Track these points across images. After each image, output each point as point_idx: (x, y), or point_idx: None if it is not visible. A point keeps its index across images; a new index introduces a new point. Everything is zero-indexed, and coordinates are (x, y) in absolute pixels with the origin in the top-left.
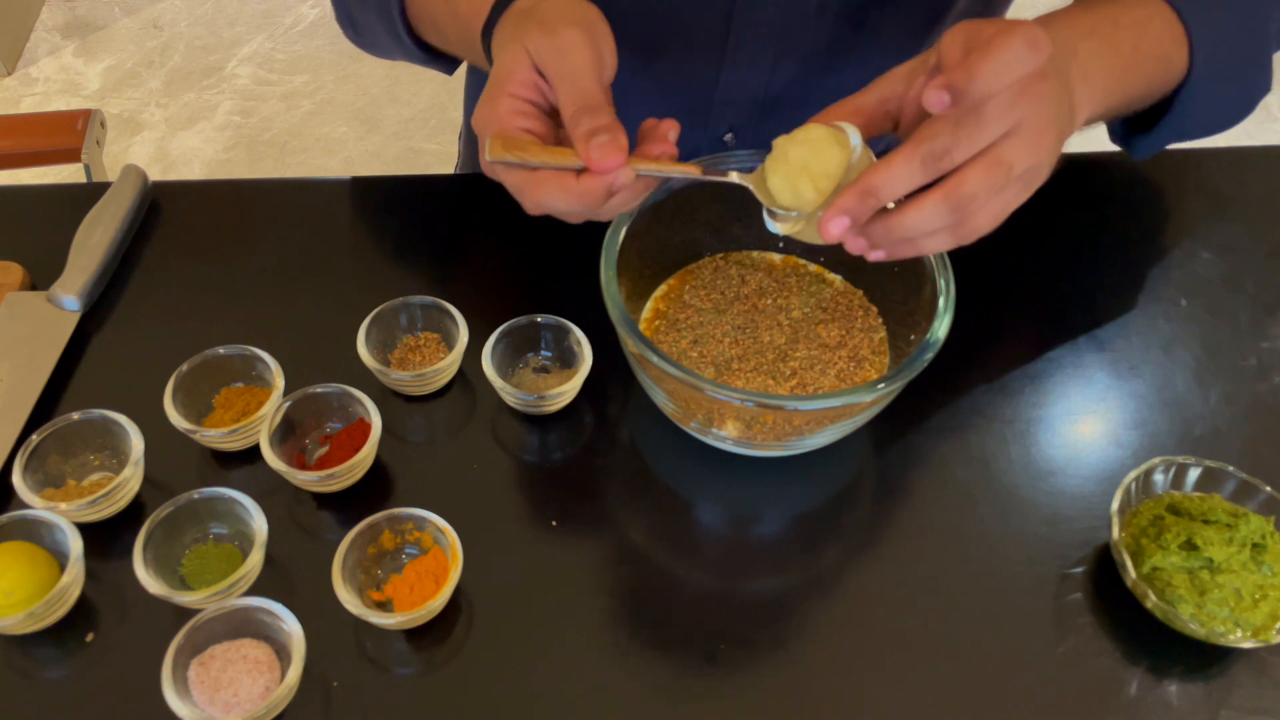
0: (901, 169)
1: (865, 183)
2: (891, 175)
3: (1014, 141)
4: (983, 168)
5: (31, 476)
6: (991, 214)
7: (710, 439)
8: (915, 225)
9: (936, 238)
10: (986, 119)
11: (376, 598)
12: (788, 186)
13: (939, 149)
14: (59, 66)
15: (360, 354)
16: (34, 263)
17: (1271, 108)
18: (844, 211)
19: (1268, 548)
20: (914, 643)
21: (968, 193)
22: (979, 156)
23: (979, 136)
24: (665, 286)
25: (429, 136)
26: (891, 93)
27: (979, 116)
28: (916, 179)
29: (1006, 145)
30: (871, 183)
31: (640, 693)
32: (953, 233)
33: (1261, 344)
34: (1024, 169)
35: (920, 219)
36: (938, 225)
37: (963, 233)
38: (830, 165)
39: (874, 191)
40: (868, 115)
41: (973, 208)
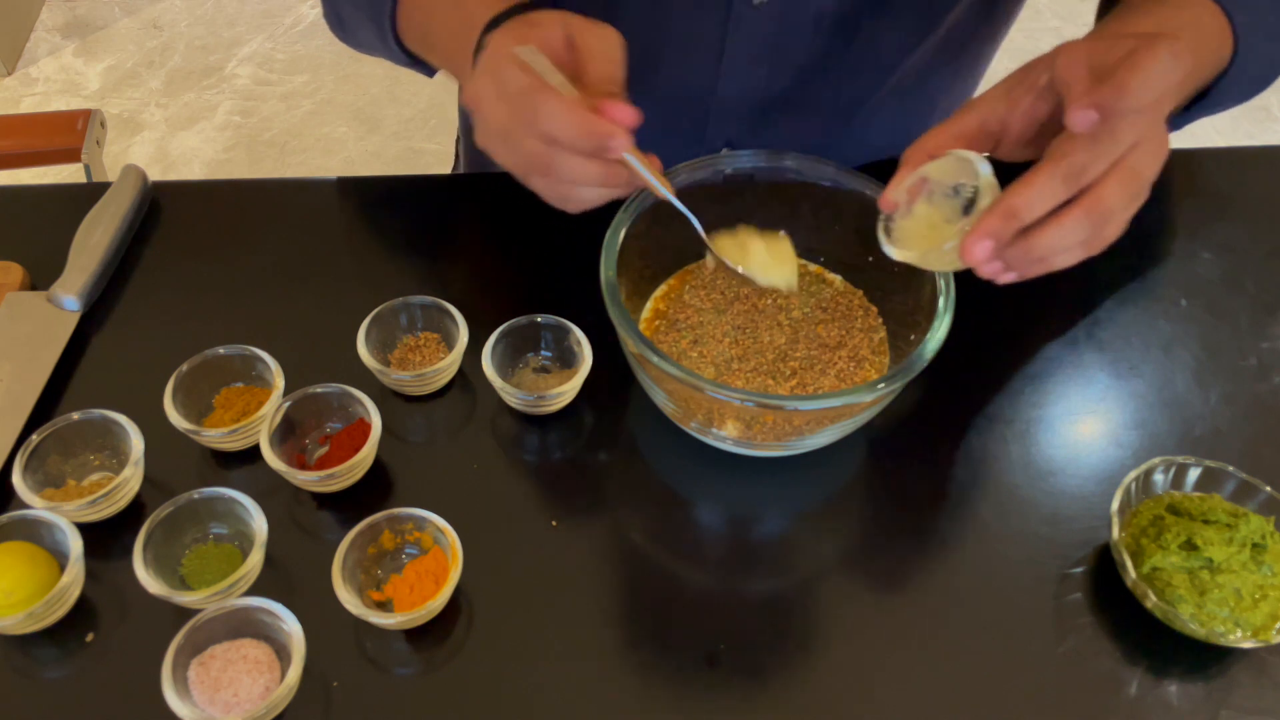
0: (1043, 188)
1: (1007, 205)
2: (1033, 195)
3: (1141, 151)
4: (1118, 180)
5: (31, 476)
6: (1123, 222)
7: (710, 439)
8: (1056, 242)
9: (1072, 253)
10: (1120, 133)
11: (376, 598)
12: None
13: (1077, 166)
14: (59, 66)
15: (360, 354)
16: (34, 263)
17: (1271, 108)
18: (989, 235)
19: (1268, 548)
20: (914, 642)
21: (1107, 206)
22: (1113, 169)
23: (1113, 150)
24: (665, 286)
25: (429, 136)
26: (992, 113)
27: (1113, 132)
28: (1058, 196)
29: (1136, 155)
30: (1014, 204)
31: (640, 692)
32: (1086, 246)
33: (1261, 344)
34: (1151, 175)
35: (1061, 235)
36: (1077, 240)
37: (1095, 245)
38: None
39: (1016, 213)
40: (970, 138)
41: (1111, 221)
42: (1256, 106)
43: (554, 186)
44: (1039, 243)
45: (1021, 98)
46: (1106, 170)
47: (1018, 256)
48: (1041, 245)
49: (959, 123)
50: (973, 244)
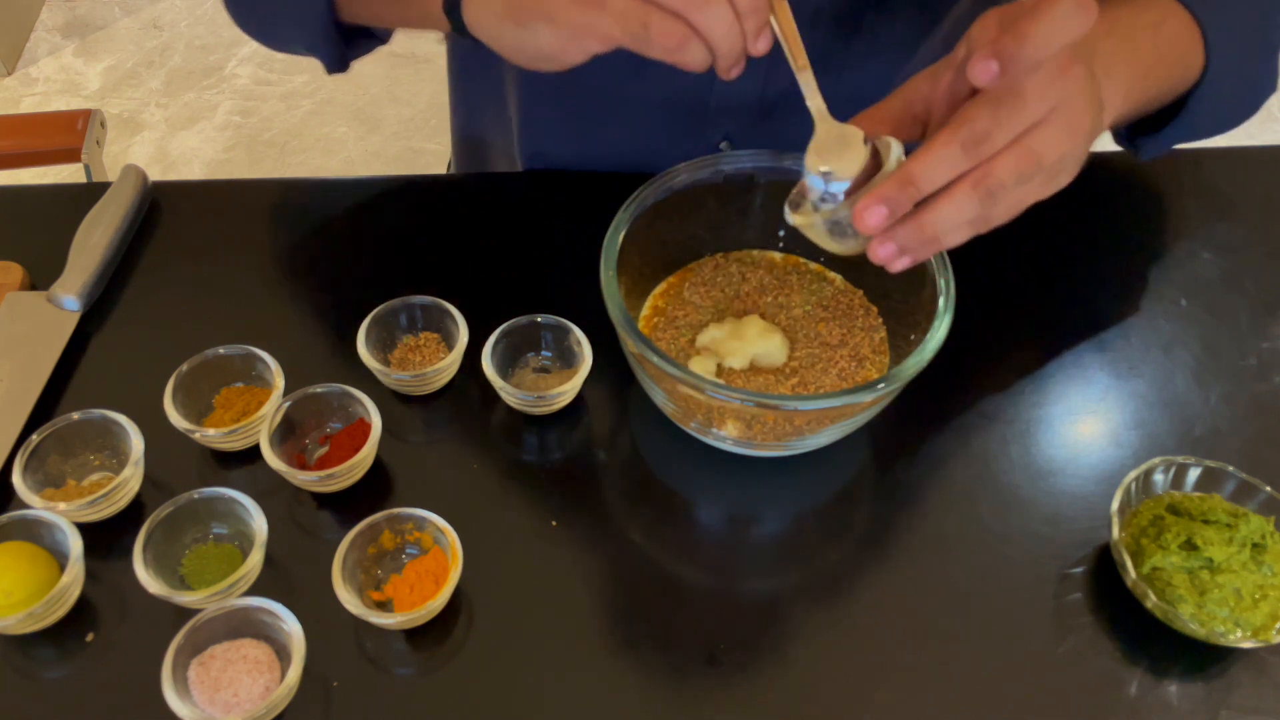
0: (940, 155)
1: (904, 172)
2: (931, 162)
3: (1047, 129)
4: (1013, 156)
5: (31, 476)
6: (1010, 205)
7: (710, 439)
8: (947, 218)
9: (960, 231)
10: (1026, 99)
11: (376, 598)
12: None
13: (979, 132)
14: (59, 66)
15: (360, 354)
16: (34, 263)
17: (1271, 108)
18: (883, 200)
19: (1268, 548)
20: (914, 643)
21: (997, 180)
22: (1011, 144)
23: (1018, 118)
24: (665, 284)
25: (429, 136)
26: (917, 95)
27: (1019, 97)
28: (957, 165)
29: (1039, 133)
30: (911, 171)
31: (640, 692)
32: (973, 226)
33: (1261, 344)
34: (1055, 158)
35: (952, 211)
36: (967, 217)
37: (981, 224)
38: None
39: (914, 180)
40: (894, 122)
41: (1000, 200)
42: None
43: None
44: (930, 220)
45: (943, 75)
46: (1007, 144)
47: (910, 235)
48: (933, 222)
49: (884, 107)
50: (864, 207)
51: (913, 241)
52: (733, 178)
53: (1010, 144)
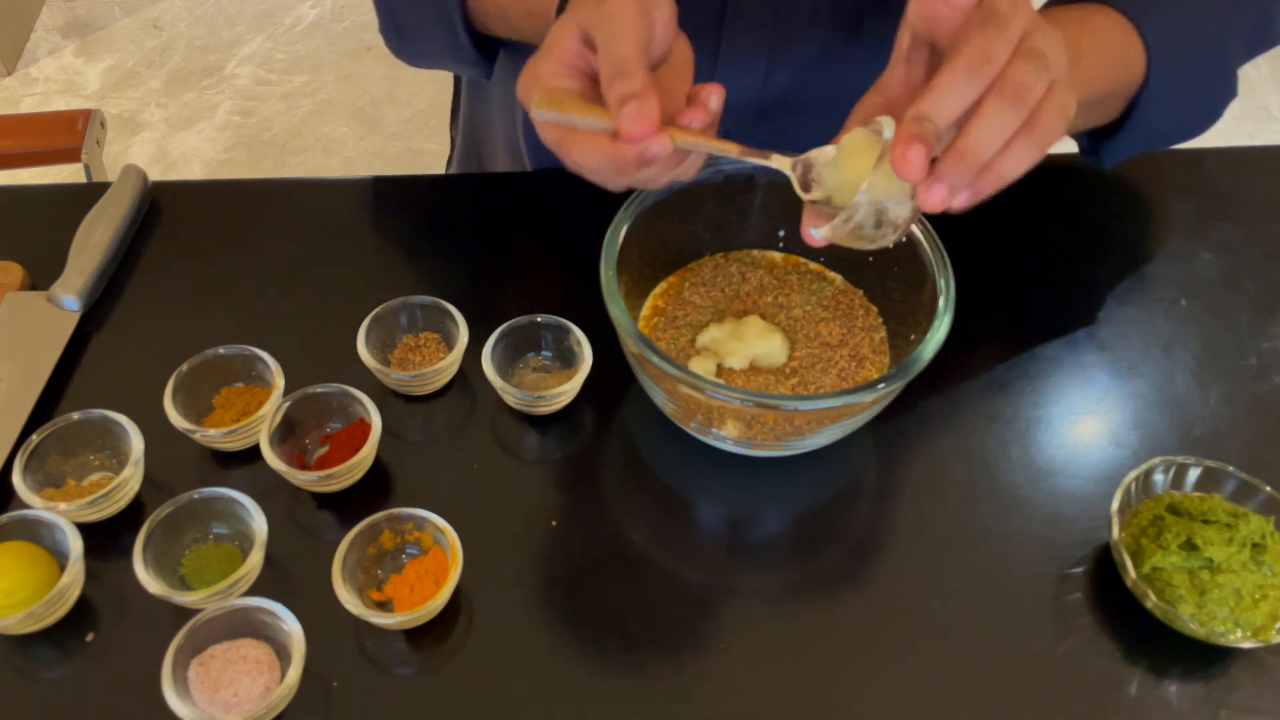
0: (946, 84)
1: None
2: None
3: (1037, 35)
4: (1022, 59)
5: (31, 476)
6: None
7: (710, 439)
8: (985, 135)
9: (1014, 152)
10: (1005, 15)
11: (376, 598)
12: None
13: (976, 52)
14: (59, 66)
15: (360, 354)
16: (34, 263)
17: (1272, 108)
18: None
19: (1268, 548)
20: (914, 642)
21: (1019, 82)
22: (1015, 53)
23: (1007, 31)
24: (665, 284)
25: (429, 136)
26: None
27: (997, 15)
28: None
29: (1033, 38)
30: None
31: (640, 692)
32: (1028, 137)
33: (1261, 344)
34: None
35: (987, 126)
36: (1007, 129)
37: (1037, 135)
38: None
39: (926, 114)
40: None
41: (1030, 99)
42: (1257, 106)
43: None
44: (966, 142)
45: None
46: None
47: (953, 166)
48: (972, 147)
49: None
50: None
51: (959, 172)
52: (733, 178)
53: (1015, 53)
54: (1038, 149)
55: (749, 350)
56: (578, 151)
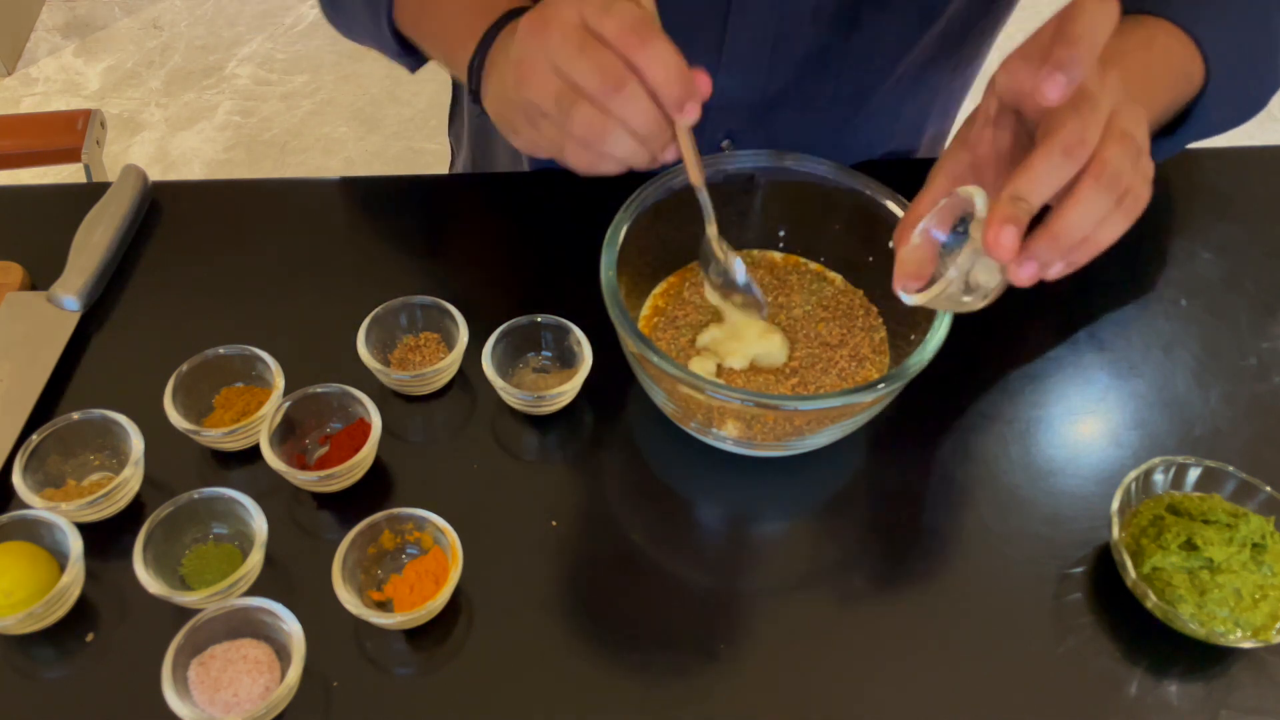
0: (1041, 165)
1: (1011, 189)
2: (1034, 173)
3: (1124, 115)
4: (1112, 141)
5: (31, 476)
6: (1141, 184)
7: (710, 439)
8: (1080, 218)
9: (1108, 227)
10: (1095, 96)
11: (376, 598)
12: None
13: (1073, 135)
14: (59, 66)
15: (360, 354)
16: (34, 263)
17: (1272, 108)
18: (1004, 220)
19: (1268, 548)
20: (914, 642)
21: (1113, 167)
22: (1105, 134)
23: (1098, 113)
24: (665, 284)
25: (429, 136)
26: (957, 165)
27: (1089, 96)
28: (1062, 171)
29: (1121, 119)
30: (1016, 187)
31: (640, 692)
32: (1120, 210)
33: (1261, 344)
34: (1143, 136)
35: (1083, 210)
36: (1099, 211)
37: (1127, 205)
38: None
39: (1021, 194)
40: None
41: (1122, 183)
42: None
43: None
44: (1062, 225)
45: (980, 136)
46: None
47: (1046, 246)
48: (1067, 227)
49: (931, 191)
50: (994, 235)
51: (1052, 251)
52: (733, 178)
53: (1105, 134)
54: (1128, 220)
55: (749, 350)
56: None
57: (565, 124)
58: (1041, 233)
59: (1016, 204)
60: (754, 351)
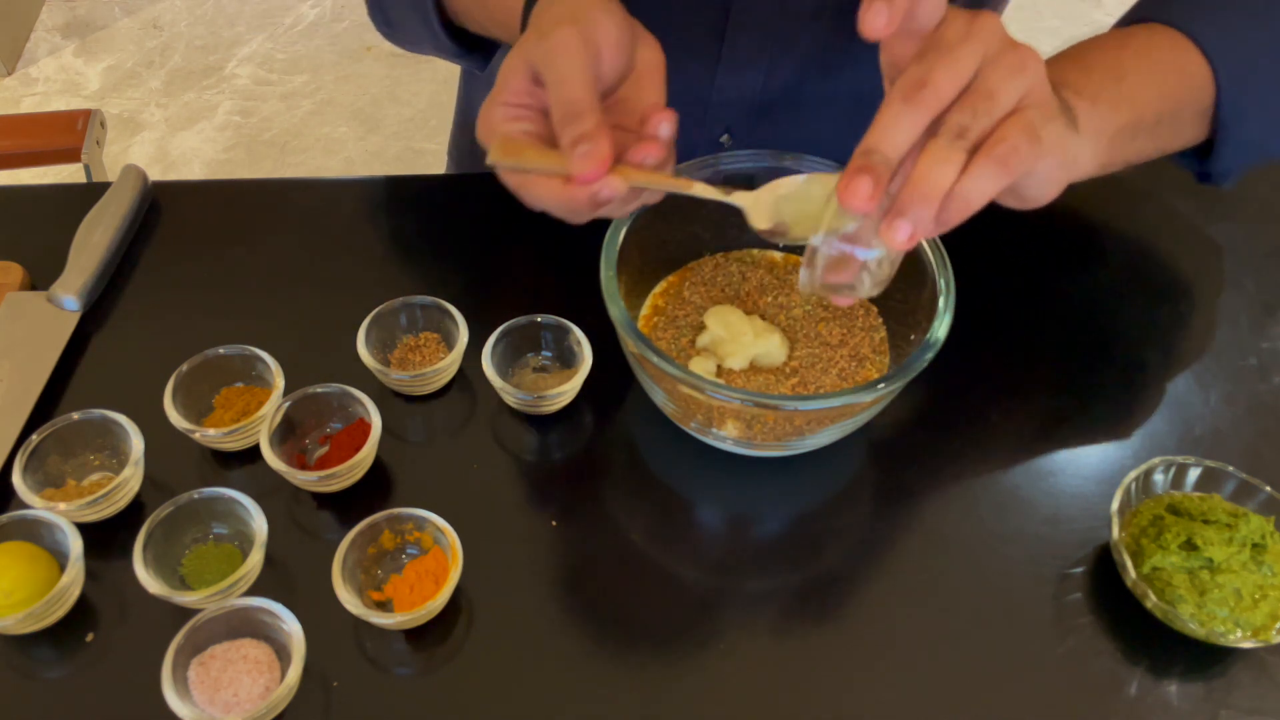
0: (885, 112)
1: (861, 144)
2: (880, 124)
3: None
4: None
5: (31, 476)
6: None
7: (710, 439)
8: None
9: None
10: (949, 42)
11: (376, 598)
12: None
13: (910, 79)
14: (59, 66)
15: (360, 354)
16: (34, 263)
17: None
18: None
19: (1268, 548)
20: (914, 643)
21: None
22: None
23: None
24: (665, 284)
25: (429, 136)
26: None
27: (939, 44)
28: (906, 117)
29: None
30: (866, 142)
31: (640, 692)
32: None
33: (1261, 344)
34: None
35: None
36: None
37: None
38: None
39: (872, 146)
40: None
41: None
42: None
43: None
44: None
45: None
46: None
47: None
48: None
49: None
50: (845, 183)
51: (916, 203)
52: (733, 178)
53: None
54: (1002, 168)
55: (749, 350)
56: (535, 194)
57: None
58: (903, 188)
59: (869, 155)
60: (753, 351)
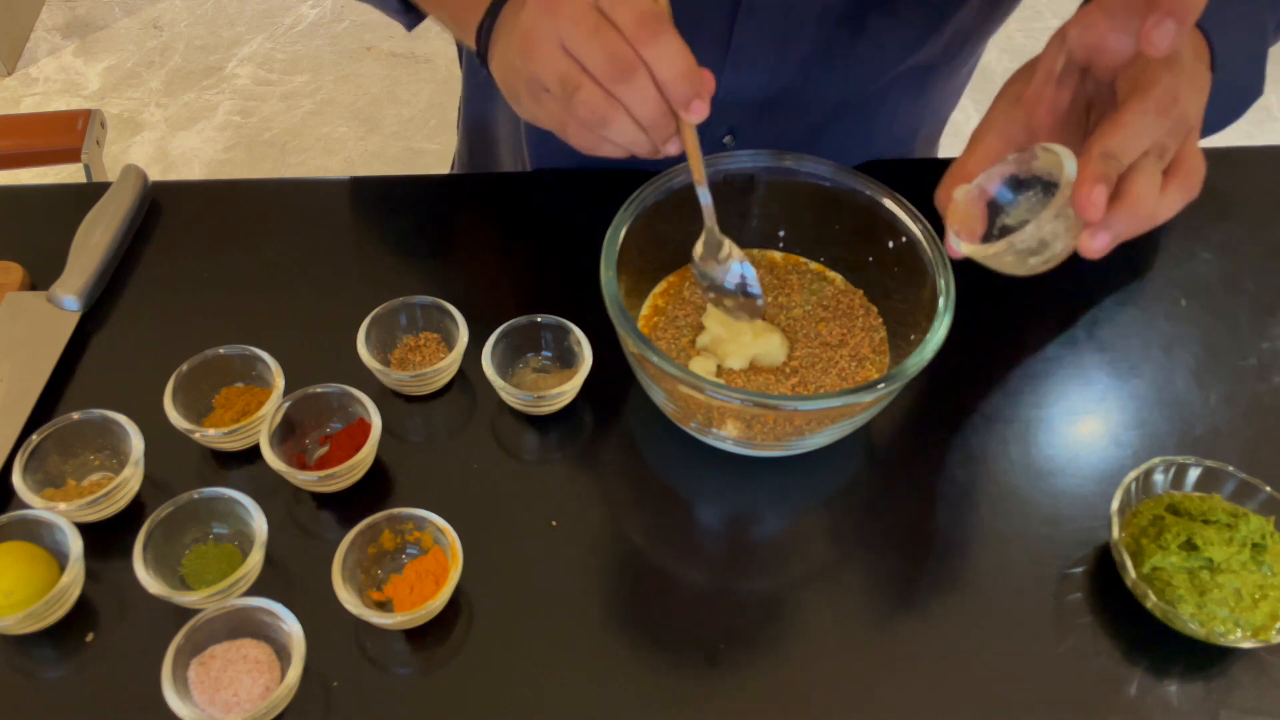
0: (1138, 120)
1: (1102, 145)
2: (1130, 130)
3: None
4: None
5: (31, 476)
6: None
7: (710, 439)
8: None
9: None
10: (1183, 57)
11: (376, 598)
12: None
13: (1167, 94)
14: (59, 66)
15: (360, 354)
16: (34, 263)
17: (1272, 108)
18: (1099, 179)
19: (1268, 548)
20: (914, 643)
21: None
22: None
23: (1181, 75)
24: (665, 283)
25: (429, 136)
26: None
27: (1179, 56)
28: (1156, 129)
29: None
30: (1109, 145)
31: (640, 692)
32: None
33: (1261, 344)
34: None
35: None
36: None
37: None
38: None
39: (1114, 153)
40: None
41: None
42: (1257, 106)
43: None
44: (1135, 193)
45: (1039, 95)
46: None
47: (1123, 217)
48: (1138, 196)
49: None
50: (1087, 193)
51: (1124, 223)
52: (733, 178)
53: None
54: (1190, 196)
55: (748, 350)
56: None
57: (569, 104)
58: (1117, 205)
59: (1108, 161)
60: (753, 351)
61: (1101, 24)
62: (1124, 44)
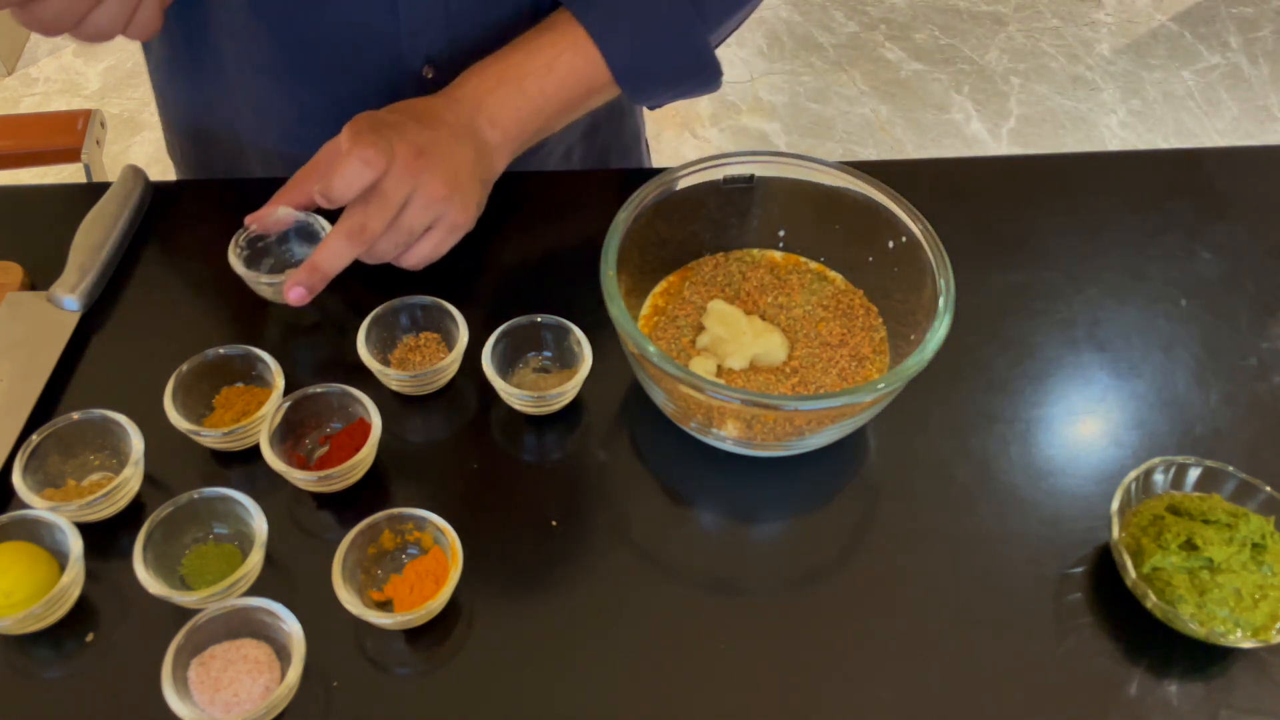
0: (334, 245)
1: (312, 262)
2: (329, 252)
3: (411, 209)
4: (389, 235)
5: (31, 476)
6: (422, 254)
7: (710, 439)
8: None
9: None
10: (387, 194)
11: (376, 598)
12: None
13: (357, 224)
14: (59, 66)
15: (360, 354)
16: (34, 263)
17: (1272, 108)
18: (299, 284)
19: (1268, 548)
20: (914, 643)
21: (379, 253)
22: (390, 227)
23: (386, 207)
24: (665, 283)
25: None
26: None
27: (381, 194)
28: (350, 251)
29: (406, 213)
30: (315, 261)
31: (640, 692)
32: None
33: (1261, 344)
34: (425, 222)
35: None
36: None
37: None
38: None
39: (318, 267)
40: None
41: (380, 254)
42: (1257, 106)
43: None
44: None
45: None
46: (384, 228)
47: (307, 278)
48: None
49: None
50: (290, 290)
51: (310, 278)
52: (733, 178)
53: (389, 227)
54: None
55: (748, 350)
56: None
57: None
58: (308, 267)
59: (313, 274)
60: (753, 351)
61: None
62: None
